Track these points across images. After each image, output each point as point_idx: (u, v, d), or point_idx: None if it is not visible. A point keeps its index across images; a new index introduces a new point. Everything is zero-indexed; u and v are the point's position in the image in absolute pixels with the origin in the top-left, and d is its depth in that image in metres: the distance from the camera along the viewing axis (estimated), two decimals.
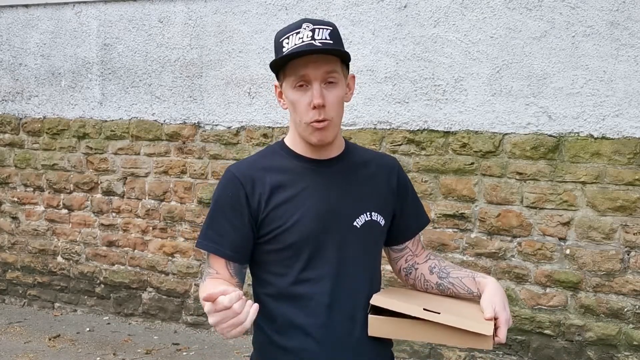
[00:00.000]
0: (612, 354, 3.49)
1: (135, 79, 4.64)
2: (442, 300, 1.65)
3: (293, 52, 1.46)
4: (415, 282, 1.74)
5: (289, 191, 1.56)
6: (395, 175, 1.69)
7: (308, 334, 1.55)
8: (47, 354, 4.16)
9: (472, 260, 3.77)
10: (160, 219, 4.62)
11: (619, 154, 3.42)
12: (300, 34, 1.49)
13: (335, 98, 1.51)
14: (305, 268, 1.55)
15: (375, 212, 1.62)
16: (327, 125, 1.51)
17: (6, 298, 5.23)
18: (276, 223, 1.55)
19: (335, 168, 1.61)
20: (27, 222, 5.11)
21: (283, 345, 1.57)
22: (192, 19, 4.42)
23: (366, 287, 1.60)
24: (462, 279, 1.66)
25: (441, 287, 1.69)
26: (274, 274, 1.58)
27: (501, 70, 3.64)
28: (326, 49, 1.48)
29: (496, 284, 1.62)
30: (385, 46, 3.90)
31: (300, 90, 1.50)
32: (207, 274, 1.61)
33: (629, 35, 3.38)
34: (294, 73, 1.49)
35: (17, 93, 5.06)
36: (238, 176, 1.58)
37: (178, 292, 4.60)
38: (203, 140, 4.45)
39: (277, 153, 1.63)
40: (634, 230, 3.41)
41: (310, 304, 1.55)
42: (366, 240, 1.61)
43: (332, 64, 1.50)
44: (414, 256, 1.76)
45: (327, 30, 1.51)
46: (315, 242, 1.55)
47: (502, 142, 3.67)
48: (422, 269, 1.73)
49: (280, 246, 1.56)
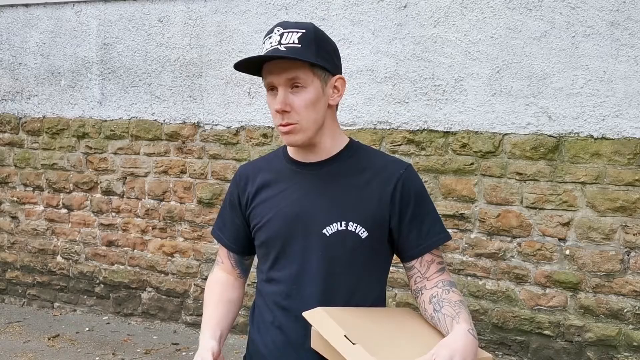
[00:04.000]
0: (612, 354, 3.49)
1: (135, 79, 4.63)
2: (396, 333, 1.49)
3: (248, 58, 1.51)
4: (420, 307, 1.61)
5: (270, 191, 1.62)
6: (391, 186, 1.56)
7: (267, 331, 1.63)
8: (47, 354, 4.16)
9: (472, 260, 3.77)
10: (160, 219, 4.62)
11: (619, 155, 3.42)
12: (272, 38, 1.51)
13: (302, 102, 1.50)
14: (272, 268, 1.62)
15: (354, 223, 1.53)
16: (292, 130, 1.52)
17: (5, 297, 5.23)
18: (255, 220, 1.63)
19: (319, 172, 1.58)
20: (26, 221, 5.11)
21: (251, 335, 1.70)
22: (192, 18, 4.42)
23: (322, 297, 1.53)
24: (446, 317, 1.49)
25: (434, 320, 1.53)
26: (258, 268, 1.69)
27: (501, 71, 3.64)
28: (277, 55, 1.48)
29: (461, 334, 1.41)
30: (385, 46, 3.89)
31: (271, 94, 1.54)
32: (216, 262, 1.79)
33: (629, 35, 3.38)
34: (265, 78, 1.54)
35: (16, 92, 5.05)
36: (238, 174, 1.71)
37: (177, 292, 4.60)
38: (203, 140, 4.45)
39: (278, 154, 1.69)
40: (634, 231, 3.41)
41: (271, 302, 1.62)
42: (335, 250, 1.53)
43: (295, 69, 1.48)
44: (423, 279, 1.59)
45: (298, 33, 1.49)
46: (281, 244, 1.58)
47: (502, 142, 3.67)
48: (425, 296, 1.58)
49: (258, 243, 1.65)
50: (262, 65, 1.54)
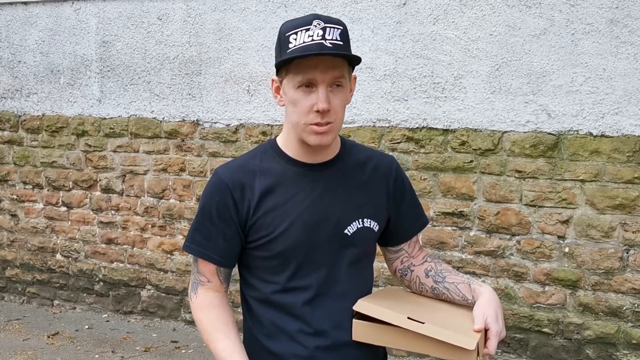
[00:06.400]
0: (611, 352, 3.49)
1: (134, 77, 4.63)
2: (433, 306, 1.60)
3: (305, 52, 1.40)
4: (411, 284, 1.70)
5: (278, 197, 1.52)
6: (392, 178, 1.63)
7: (294, 340, 1.54)
8: (46, 352, 4.16)
9: (471, 258, 3.77)
10: (159, 217, 4.62)
11: (619, 152, 3.42)
12: (311, 31, 1.42)
13: (340, 102, 1.47)
14: (293, 276, 1.53)
15: (368, 219, 1.57)
16: (329, 130, 1.46)
17: (5, 295, 5.23)
18: (265, 231, 1.51)
19: (328, 173, 1.56)
20: (26, 219, 5.11)
21: (271, 349, 1.56)
22: (191, 16, 4.42)
23: (354, 293, 1.56)
24: (458, 284, 1.61)
25: (436, 292, 1.64)
26: (262, 280, 1.56)
27: (500, 68, 3.63)
28: (338, 53, 1.42)
29: (492, 294, 1.56)
30: (384, 44, 3.89)
31: (305, 90, 1.44)
32: (198, 283, 1.59)
33: (628, 32, 3.37)
34: (300, 73, 1.43)
35: (16, 90, 5.05)
36: (226, 181, 1.53)
37: (177, 289, 4.60)
38: (202, 137, 4.45)
39: (268, 154, 1.58)
40: (633, 229, 3.41)
41: (297, 311, 1.53)
42: (358, 248, 1.57)
43: (341, 68, 1.45)
44: (410, 258, 1.71)
45: (338, 30, 1.45)
46: (303, 251, 1.52)
47: (502, 140, 3.66)
48: (417, 272, 1.68)
49: (268, 254, 1.53)
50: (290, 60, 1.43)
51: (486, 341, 1.48)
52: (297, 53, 1.41)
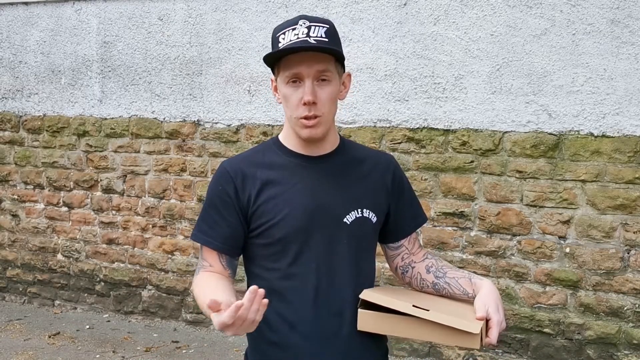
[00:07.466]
0: (612, 352, 3.49)
1: (135, 77, 4.63)
2: (435, 299, 1.64)
3: (286, 48, 1.49)
4: (412, 281, 1.74)
5: (279, 187, 1.58)
6: (390, 174, 1.69)
7: (295, 329, 1.57)
8: (47, 352, 4.17)
9: (472, 258, 3.77)
10: (160, 217, 4.62)
11: (619, 152, 3.41)
12: (296, 30, 1.51)
13: (327, 95, 1.53)
14: (293, 263, 1.58)
15: (367, 209, 1.62)
16: (317, 122, 1.53)
17: (6, 295, 5.24)
18: (265, 217, 1.57)
19: (327, 164, 1.62)
20: (27, 219, 5.11)
21: (272, 340, 1.59)
22: (192, 16, 4.42)
23: (354, 282, 1.60)
24: (459, 279, 1.66)
25: (437, 287, 1.69)
26: (264, 268, 1.61)
27: (501, 68, 3.63)
28: (319, 47, 1.49)
29: (492, 286, 1.62)
30: (385, 44, 3.89)
31: (293, 85, 1.53)
32: (201, 267, 1.65)
33: (629, 33, 3.37)
34: (288, 69, 1.52)
35: (17, 91, 5.05)
36: (229, 170, 1.62)
37: (178, 290, 4.60)
38: (203, 138, 4.45)
39: (270, 149, 1.65)
40: (634, 229, 3.41)
41: (297, 299, 1.58)
42: (356, 237, 1.61)
43: (325, 62, 1.52)
44: (410, 255, 1.75)
45: (323, 28, 1.53)
46: (303, 238, 1.57)
47: (502, 140, 3.66)
48: (418, 268, 1.73)
49: (269, 240, 1.58)
50: (278, 57, 1.53)
51: (487, 331, 1.51)
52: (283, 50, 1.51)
